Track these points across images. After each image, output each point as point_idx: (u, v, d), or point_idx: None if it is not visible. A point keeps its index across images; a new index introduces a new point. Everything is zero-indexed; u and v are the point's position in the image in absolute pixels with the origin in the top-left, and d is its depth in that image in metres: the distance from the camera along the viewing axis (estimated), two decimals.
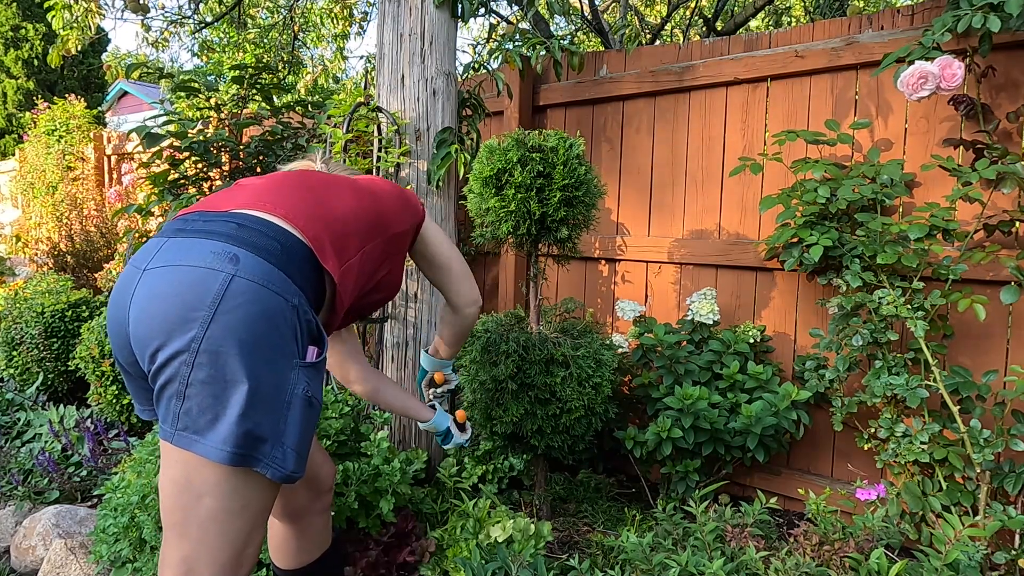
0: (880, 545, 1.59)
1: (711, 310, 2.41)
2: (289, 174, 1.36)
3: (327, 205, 1.29)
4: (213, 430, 1.06)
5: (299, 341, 1.13)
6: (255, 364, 1.07)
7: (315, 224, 1.23)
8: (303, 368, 1.13)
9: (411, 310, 2.48)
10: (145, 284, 1.11)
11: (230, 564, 1.12)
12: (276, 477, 1.10)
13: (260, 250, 1.13)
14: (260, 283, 1.09)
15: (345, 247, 1.27)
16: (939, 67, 1.85)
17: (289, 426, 1.10)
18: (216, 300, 1.06)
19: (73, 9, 3.87)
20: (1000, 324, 2.05)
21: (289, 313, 1.12)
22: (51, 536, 2.17)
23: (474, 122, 2.67)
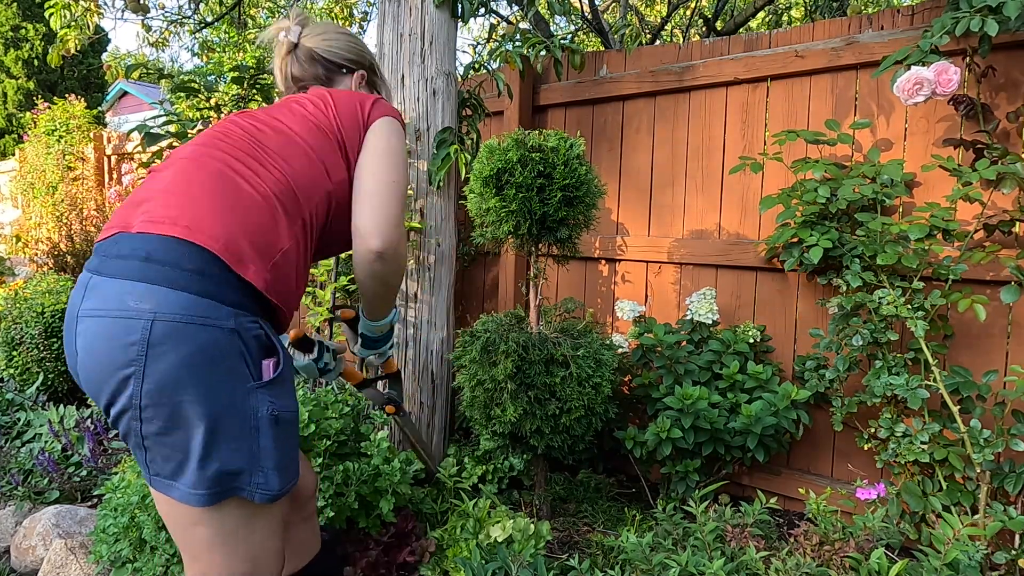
0: (880, 545, 1.59)
1: (711, 310, 2.41)
2: (211, 149, 1.19)
3: (245, 194, 1.13)
4: (183, 476, 1.04)
5: (249, 363, 1.06)
6: (204, 404, 1.02)
7: (228, 228, 1.08)
8: (261, 389, 1.07)
9: (411, 310, 2.48)
10: (81, 336, 1.05)
11: (250, 572, 1.12)
12: (263, 500, 1.08)
13: (174, 282, 1.02)
14: (183, 320, 1.01)
15: (271, 240, 1.12)
16: (935, 73, 1.85)
17: (264, 450, 1.07)
18: (142, 351, 0.99)
19: (72, 9, 3.87)
20: (1000, 324, 2.05)
21: (226, 339, 1.04)
22: (51, 536, 2.17)
23: (474, 122, 2.68)
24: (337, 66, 1.45)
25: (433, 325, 2.51)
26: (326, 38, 1.44)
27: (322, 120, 1.28)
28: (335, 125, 1.28)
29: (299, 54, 1.42)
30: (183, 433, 1.02)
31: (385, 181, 1.24)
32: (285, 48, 1.42)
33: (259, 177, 1.16)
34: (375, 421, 2.35)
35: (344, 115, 1.30)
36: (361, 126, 1.30)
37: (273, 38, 1.46)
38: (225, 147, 1.20)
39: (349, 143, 1.28)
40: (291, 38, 1.42)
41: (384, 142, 1.28)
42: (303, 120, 1.28)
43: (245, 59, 2.83)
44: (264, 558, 1.14)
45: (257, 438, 1.06)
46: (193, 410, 1.01)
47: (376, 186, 1.24)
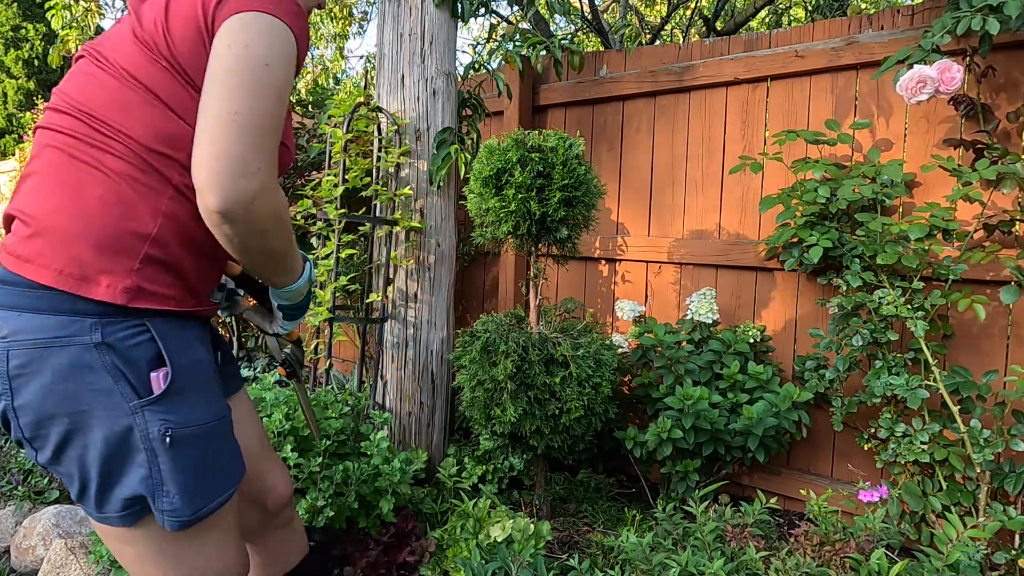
0: (880, 545, 1.59)
1: (711, 310, 2.41)
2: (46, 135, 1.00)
3: (84, 184, 0.94)
4: (86, 501, 0.97)
5: (128, 379, 0.93)
6: (86, 431, 0.92)
7: (66, 243, 0.92)
8: (147, 407, 0.93)
9: (411, 310, 2.48)
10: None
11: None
12: (173, 528, 0.97)
13: (23, 304, 0.92)
14: (38, 344, 0.90)
15: (130, 231, 0.95)
16: (937, 71, 1.85)
17: (163, 474, 0.94)
18: (5, 383, 0.91)
19: (73, 9, 3.87)
20: (1000, 324, 2.05)
21: (94, 356, 0.91)
22: (51, 536, 2.17)
23: (474, 122, 2.68)
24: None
25: (433, 325, 2.51)
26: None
27: (152, 42, 0.97)
28: (167, 46, 0.96)
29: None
30: (74, 463, 0.94)
31: (220, 113, 0.88)
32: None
33: (99, 154, 0.95)
34: (375, 421, 2.35)
35: (177, 27, 0.96)
36: (205, 36, 0.95)
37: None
38: (57, 127, 0.99)
39: (193, 67, 0.97)
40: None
41: (225, 55, 0.91)
42: (134, 50, 0.98)
43: None
44: (213, 569, 1.05)
45: (155, 461, 0.94)
46: (78, 439, 0.92)
47: (210, 122, 0.88)
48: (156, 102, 0.96)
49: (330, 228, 2.49)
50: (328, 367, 2.57)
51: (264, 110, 0.90)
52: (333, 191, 2.45)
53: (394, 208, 2.52)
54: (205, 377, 1.02)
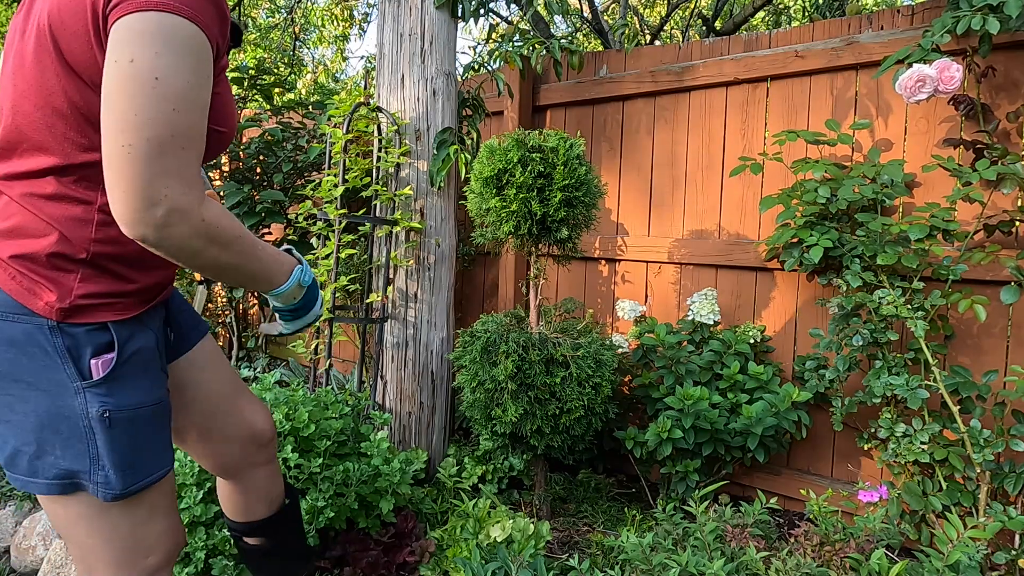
0: (880, 545, 1.59)
1: (712, 310, 2.41)
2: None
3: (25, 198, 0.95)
4: (16, 465, 1.00)
5: (74, 362, 0.96)
6: (28, 400, 0.96)
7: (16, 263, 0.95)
8: (90, 388, 0.97)
9: (411, 310, 2.48)
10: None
11: (125, 558, 1.07)
12: (107, 499, 1.01)
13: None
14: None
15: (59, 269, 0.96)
16: (937, 70, 1.85)
17: (102, 450, 0.99)
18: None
19: None
20: (1000, 324, 2.05)
21: (45, 336, 0.95)
22: (51, 536, 2.17)
23: (474, 122, 2.68)
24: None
25: (433, 325, 2.51)
26: None
27: (40, 30, 0.92)
28: (48, 34, 0.91)
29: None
30: (13, 427, 0.98)
31: (115, 145, 0.83)
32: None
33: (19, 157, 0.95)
34: (375, 421, 2.35)
35: (67, 25, 0.89)
36: (95, 33, 0.88)
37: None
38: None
39: (90, 67, 0.90)
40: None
41: (112, 73, 0.84)
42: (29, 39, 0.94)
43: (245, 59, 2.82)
44: (142, 540, 1.09)
45: (93, 438, 0.98)
46: (21, 405, 0.97)
47: (107, 153, 0.84)
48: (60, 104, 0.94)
49: (330, 228, 2.49)
50: (328, 367, 2.57)
51: (162, 129, 0.84)
52: (333, 191, 2.45)
53: (394, 208, 2.52)
54: (148, 363, 1.05)
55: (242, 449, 1.35)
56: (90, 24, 0.87)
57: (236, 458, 1.35)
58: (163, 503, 1.12)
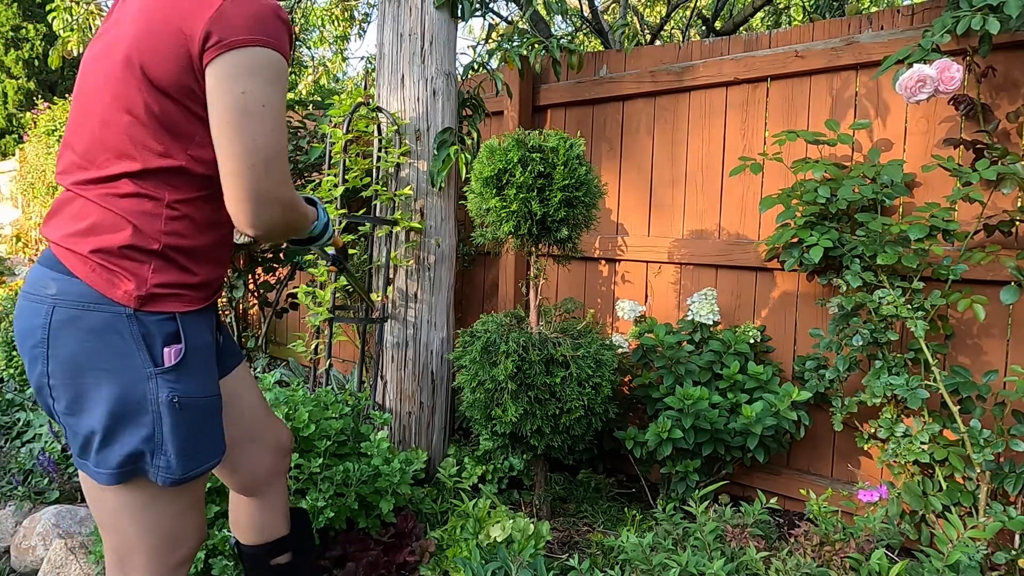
0: (880, 545, 1.59)
1: (712, 310, 2.41)
2: (69, 132, 1.12)
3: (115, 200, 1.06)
4: (87, 455, 1.09)
5: (148, 348, 1.06)
6: (104, 387, 1.05)
7: (96, 260, 1.06)
8: (162, 375, 1.07)
9: (411, 310, 2.48)
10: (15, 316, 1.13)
11: (161, 548, 1.15)
12: (165, 483, 1.09)
13: (70, 273, 1.06)
14: (80, 305, 1.05)
15: (141, 251, 1.07)
16: (937, 70, 1.85)
17: (165, 435, 1.08)
18: (45, 333, 1.05)
19: (74, 11, 3.87)
20: (1000, 324, 2.05)
21: (124, 324, 1.05)
22: (51, 536, 2.17)
23: (474, 122, 2.68)
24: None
25: (433, 325, 2.51)
26: None
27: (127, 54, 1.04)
28: (135, 56, 1.03)
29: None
30: (86, 415, 1.06)
31: (237, 162, 1.01)
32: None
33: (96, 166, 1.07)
34: (375, 421, 2.35)
35: (156, 49, 1.02)
36: (191, 64, 1.02)
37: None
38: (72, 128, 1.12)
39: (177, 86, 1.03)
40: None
41: (228, 104, 1.00)
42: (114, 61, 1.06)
43: None
44: (178, 532, 1.16)
45: (159, 423, 1.07)
46: (95, 392, 1.05)
47: (230, 168, 1.02)
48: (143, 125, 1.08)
49: None
50: (328, 367, 2.57)
51: (271, 145, 1.03)
52: (333, 191, 2.45)
53: (394, 208, 2.52)
54: (208, 359, 1.15)
55: (272, 459, 1.43)
56: (183, 52, 1.01)
57: (266, 469, 1.42)
58: (198, 497, 1.19)
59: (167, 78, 1.02)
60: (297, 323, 4.16)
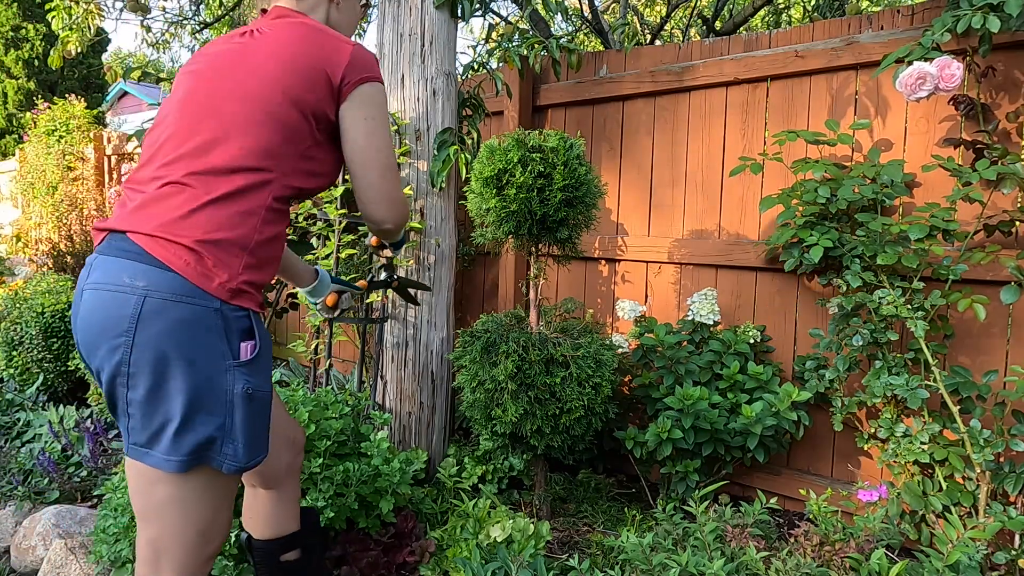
0: (880, 545, 1.59)
1: (712, 310, 2.41)
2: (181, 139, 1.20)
3: (217, 205, 1.16)
4: (157, 444, 1.12)
5: (229, 342, 1.14)
6: (185, 375, 1.10)
7: (205, 249, 1.14)
8: (238, 367, 1.15)
9: (411, 310, 2.48)
10: (81, 306, 1.16)
11: (196, 543, 1.19)
12: (230, 471, 1.16)
13: (162, 266, 1.12)
14: (172, 298, 1.11)
15: (236, 247, 1.17)
16: (937, 68, 1.85)
17: (236, 424, 1.15)
18: (133, 321, 1.09)
19: (73, 11, 3.87)
20: (1000, 324, 2.05)
21: (211, 318, 1.13)
22: (51, 536, 2.17)
23: (474, 122, 2.68)
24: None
25: (433, 325, 2.51)
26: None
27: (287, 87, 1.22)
28: (275, 74, 1.22)
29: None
30: (165, 402, 1.10)
31: (382, 171, 1.29)
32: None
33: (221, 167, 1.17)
34: (375, 421, 2.35)
35: (300, 79, 1.22)
36: (333, 95, 1.26)
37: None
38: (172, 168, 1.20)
39: (314, 109, 1.24)
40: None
41: (370, 120, 1.27)
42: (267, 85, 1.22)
43: None
44: (215, 526, 1.21)
45: (232, 413, 1.14)
46: (175, 381, 1.10)
47: (378, 178, 1.29)
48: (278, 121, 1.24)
49: (330, 228, 2.49)
50: (328, 367, 2.57)
51: (390, 156, 1.31)
52: (333, 191, 2.45)
53: None
54: (268, 357, 1.23)
55: (289, 454, 1.50)
56: (326, 86, 1.24)
57: (285, 463, 1.49)
58: (233, 495, 1.25)
59: (311, 103, 1.23)
60: (297, 323, 4.16)
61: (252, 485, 1.49)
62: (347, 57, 1.26)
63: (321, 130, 1.26)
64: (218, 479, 1.19)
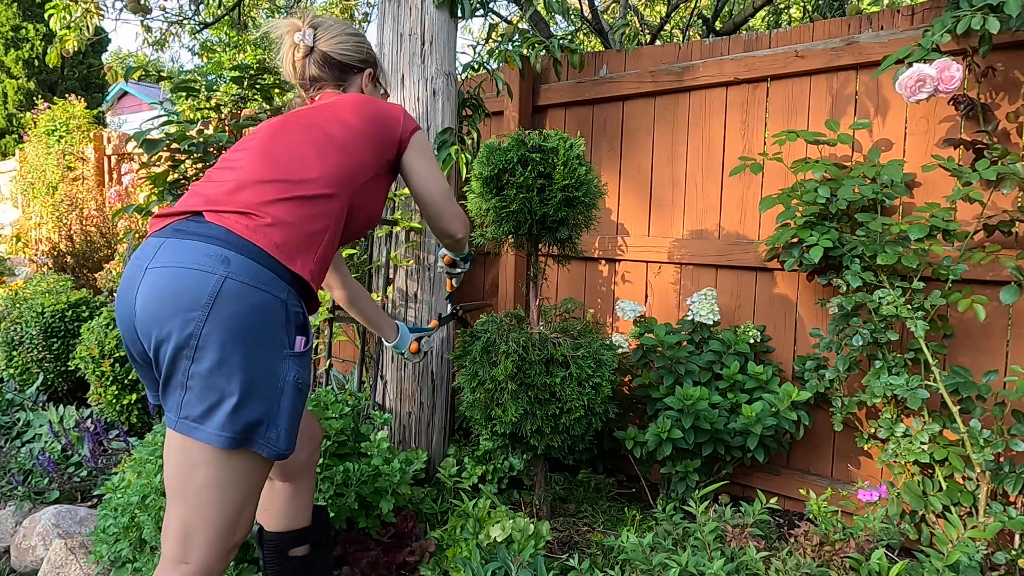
0: (880, 545, 1.59)
1: (712, 310, 2.41)
2: (261, 156, 1.36)
3: (296, 203, 1.31)
4: (211, 418, 1.16)
5: (288, 333, 1.24)
6: (249, 356, 1.17)
7: (287, 234, 1.28)
8: (292, 357, 1.24)
9: (411, 310, 2.48)
10: (148, 282, 1.20)
11: (225, 529, 1.22)
12: (270, 455, 1.21)
13: (248, 251, 1.22)
14: (250, 284, 1.19)
15: (313, 241, 1.32)
16: (937, 70, 1.85)
17: (282, 410, 1.22)
18: (211, 299, 1.16)
19: (72, 10, 3.87)
20: (1000, 324, 2.05)
21: (278, 308, 1.22)
22: (51, 536, 2.17)
23: (474, 122, 2.67)
24: (350, 67, 1.63)
25: None
26: (339, 41, 1.60)
27: (360, 133, 1.47)
28: (373, 140, 1.49)
29: (315, 57, 1.59)
30: (225, 378, 1.16)
31: (442, 201, 1.60)
32: (302, 51, 1.58)
33: (305, 177, 1.35)
34: (375, 421, 2.35)
35: (377, 135, 1.50)
36: (396, 143, 1.54)
37: (284, 36, 1.60)
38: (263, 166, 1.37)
39: (382, 154, 1.51)
40: (307, 42, 1.58)
41: (425, 165, 1.57)
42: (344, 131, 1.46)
43: (246, 59, 2.82)
44: (242, 517, 1.24)
45: (279, 399, 1.21)
46: (238, 360, 1.16)
47: (444, 203, 1.60)
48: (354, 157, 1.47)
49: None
50: (328, 367, 2.58)
51: (446, 184, 1.62)
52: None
53: (394, 208, 2.52)
54: (310, 354, 1.31)
55: (309, 448, 1.56)
56: (392, 141, 1.52)
57: (305, 456, 1.55)
58: (261, 487, 1.29)
59: (383, 150, 1.50)
60: None
61: (270, 477, 1.53)
62: (400, 115, 1.54)
63: (387, 171, 1.53)
64: (254, 467, 1.23)
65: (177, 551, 1.21)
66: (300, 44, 1.57)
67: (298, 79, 1.62)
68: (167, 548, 1.22)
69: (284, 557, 1.57)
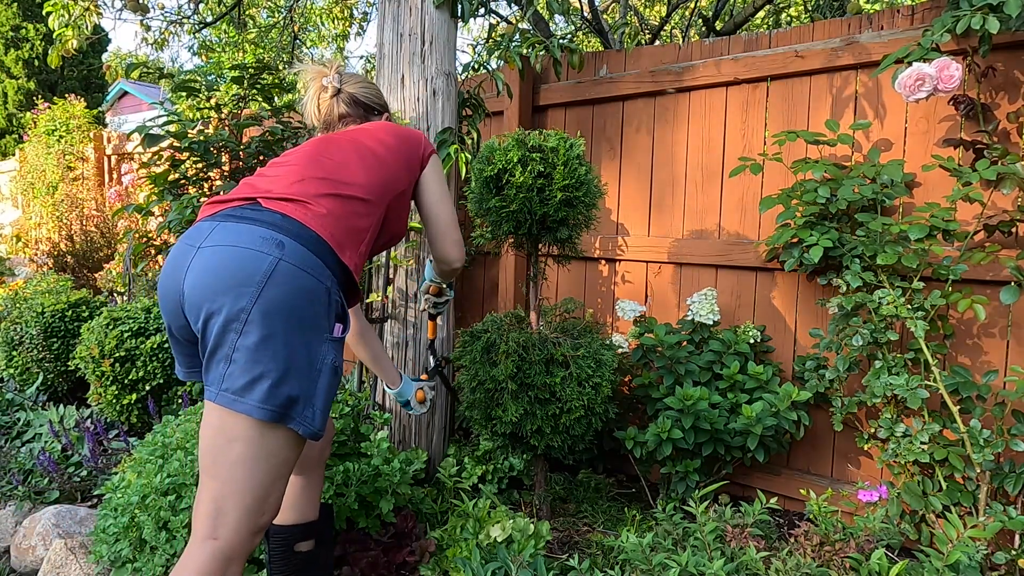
0: (880, 545, 1.59)
1: (712, 310, 2.40)
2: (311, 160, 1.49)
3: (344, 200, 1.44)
4: (252, 391, 1.21)
5: (329, 318, 1.32)
6: (294, 336, 1.24)
7: (338, 225, 1.39)
8: (331, 341, 1.31)
9: (411, 310, 2.48)
10: (201, 259, 1.27)
11: (254, 508, 1.25)
12: (306, 433, 1.26)
13: (301, 239, 1.31)
14: (301, 267, 1.27)
15: (358, 238, 1.44)
16: (936, 69, 1.85)
17: (319, 390, 1.28)
18: (264, 278, 1.23)
19: (71, 9, 3.87)
20: (1000, 324, 2.05)
21: (323, 294, 1.30)
22: (51, 536, 2.17)
23: (474, 122, 2.67)
24: (372, 109, 1.80)
25: None
26: (363, 87, 1.78)
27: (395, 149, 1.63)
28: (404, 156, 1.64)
29: (343, 98, 1.74)
30: (270, 353, 1.21)
31: (447, 223, 1.72)
32: (330, 92, 1.72)
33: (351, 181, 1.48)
34: (375, 421, 2.35)
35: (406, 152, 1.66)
36: (420, 161, 1.68)
37: (311, 81, 1.74)
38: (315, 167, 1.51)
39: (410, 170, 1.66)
40: (335, 84, 1.72)
41: (437, 184, 1.70)
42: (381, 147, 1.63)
43: (246, 59, 2.82)
44: (271, 497, 1.27)
45: (317, 379, 1.28)
46: (285, 337, 1.23)
47: (449, 228, 1.72)
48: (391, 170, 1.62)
49: None
50: None
51: (453, 208, 1.74)
52: None
53: None
54: (344, 341, 1.39)
55: (322, 442, 1.64)
56: (417, 163, 1.66)
57: (318, 450, 1.62)
58: (291, 471, 1.33)
59: (411, 168, 1.64)
60: None
61: None
62: (423, 137, 1.71)
63: (409, 184, 1.64)
64: (287, 445, 1.27)
65: (207, 527, 1.23)
66: (329, 86, 1.72)
67: (323, 118, 1.75)
68: (197, 525, 1.24)
69: (290, 552, 1.59)
